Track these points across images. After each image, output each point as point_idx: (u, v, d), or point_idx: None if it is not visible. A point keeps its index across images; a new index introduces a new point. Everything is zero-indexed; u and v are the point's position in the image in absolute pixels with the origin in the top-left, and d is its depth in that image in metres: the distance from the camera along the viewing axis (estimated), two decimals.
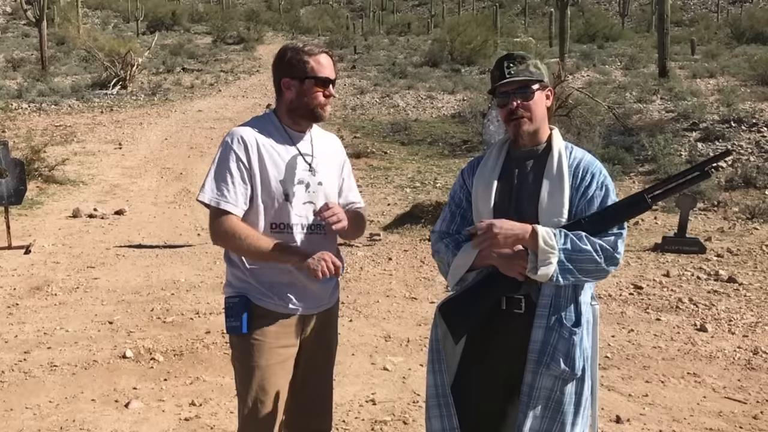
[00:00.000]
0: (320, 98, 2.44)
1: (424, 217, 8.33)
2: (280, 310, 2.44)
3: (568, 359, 2.22)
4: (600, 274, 2.23)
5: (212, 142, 13.99)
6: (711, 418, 3.86)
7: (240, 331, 2.41)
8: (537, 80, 2.30)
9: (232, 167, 2.39)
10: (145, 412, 3.87)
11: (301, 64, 2.42)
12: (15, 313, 5.45)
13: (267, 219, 2.42)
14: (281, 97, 2.49)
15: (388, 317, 5.40)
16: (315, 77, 2.41)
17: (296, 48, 2.46)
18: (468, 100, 17.57)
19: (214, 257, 6.94)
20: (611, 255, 2.19)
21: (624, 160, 11.23)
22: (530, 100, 2.29)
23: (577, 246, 2.17)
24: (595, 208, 2.25)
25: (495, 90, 2.33)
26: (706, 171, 2.22)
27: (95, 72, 23.75)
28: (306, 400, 2.57)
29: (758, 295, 5.87)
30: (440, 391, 2.33)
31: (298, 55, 2.43)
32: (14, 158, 7.75)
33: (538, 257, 2.16)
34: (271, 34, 42.22)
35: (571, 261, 2.16)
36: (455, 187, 2.47)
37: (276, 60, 2.49)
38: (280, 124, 2.48)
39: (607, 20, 38.58)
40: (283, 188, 2.41)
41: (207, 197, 2.39)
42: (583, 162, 2.31)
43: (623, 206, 2.25)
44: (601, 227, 2.21)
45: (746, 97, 14.30)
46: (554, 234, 2.17)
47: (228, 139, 2.43)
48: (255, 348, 2.43)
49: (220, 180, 2.40)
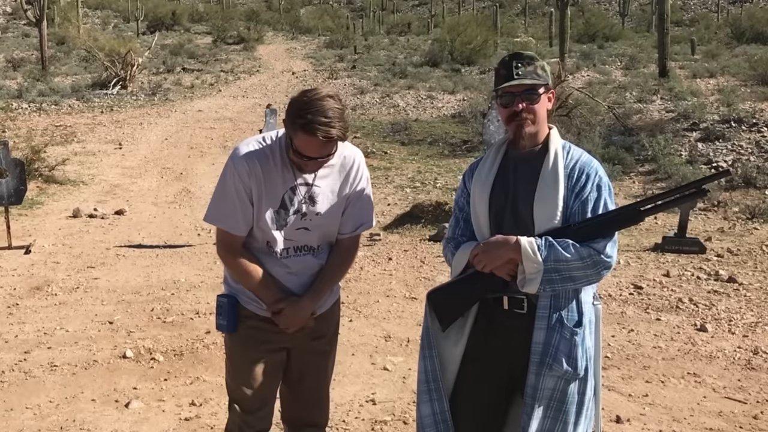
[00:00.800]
0: (300, 164, 2.35)
1: (424, 217, 8.33)
2: (266, 314, 2.49)
3: (571, 359, 2.22)
4: (591, 279, 2.23)
5: (212, 142, 13.99)
6: (711, 418, 3.86)
7: (227, 330, 2.51)
8: (543, 84, 2.30)
9: (234, 190, 2.38)
10: (145, 412, 3.87)
11: (293, 126, 2.25)
12: (15, 313, 5.45)
13: (263, 239, 2.45)
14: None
15: (388, 317, 5.40)
16: (294, 150, 2.29)
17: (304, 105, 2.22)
18: (468, 100, 17.56)
19: (214, 257, 6.93)
20: (600, 260, 2.19)
21: (624, 160, 11.22)
22: (536, 103, 2.29)
23: (562, 256, 2.16)
24: (588, 210, 2.25)
25: (499, 89, 2.32)
26: (703, 189, 2.22)
27: (95, 72, 23.73)
28: (303, 393, 2.65)
29: (758, 295, 5.87)
30: (430, 376, 2.35)
31: (297, 113, 2.23)
32: (14, 158, 7.74)
33: (525, 270, 2.18)
34: (271, 34, 42.23)
35: (558, 271, 2.17)
36: (458, 192, 2.49)
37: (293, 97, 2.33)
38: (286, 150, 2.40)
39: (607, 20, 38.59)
40: (277, 218, 2.41)
41: (213, 220, 2.44)
42: (579, 163, 2.30)
43: (615, 217, 2.24)
44: (590, 236, 2.20)
45: (746, 97, 14.29)
46: (537, 247, 2.18)
47: (233, 161, 2.40)
48: (241, 347, 2.52)
49: (223, 202, 2.42)
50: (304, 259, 2.48)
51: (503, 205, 2.32)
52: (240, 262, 2.42)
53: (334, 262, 2.54)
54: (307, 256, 2.48)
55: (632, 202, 2.31)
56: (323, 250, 2.52)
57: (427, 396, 2.35)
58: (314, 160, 2.30)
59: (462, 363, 2.37)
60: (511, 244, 2.20)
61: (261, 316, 2.48)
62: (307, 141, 2.23)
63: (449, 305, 2.36)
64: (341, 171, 2.47)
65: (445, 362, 2.37)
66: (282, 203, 2.40)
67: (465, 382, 2.36)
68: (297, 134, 2.24)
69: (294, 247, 2.46)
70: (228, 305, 2.49)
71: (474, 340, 2.35)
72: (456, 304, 2.35)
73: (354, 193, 2.51)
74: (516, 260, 2.21)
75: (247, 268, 2.42)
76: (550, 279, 2.17)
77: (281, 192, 2.40)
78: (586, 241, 2.19)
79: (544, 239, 2.20)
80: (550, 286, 2.19)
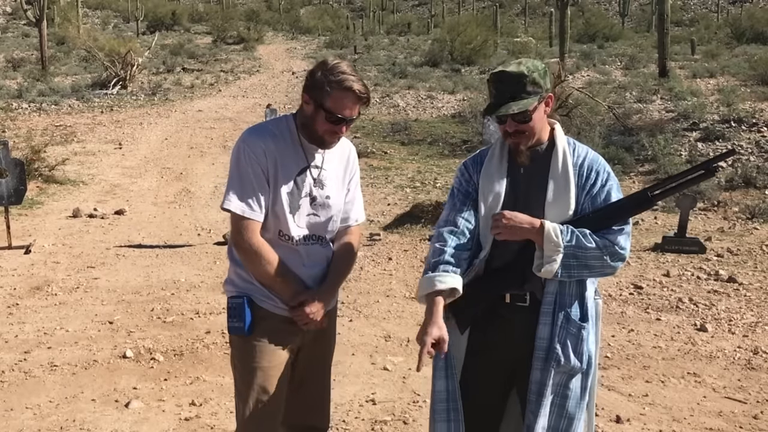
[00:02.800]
0: (328, 132, 2.36)
1: (424, 217, 8.33)
2: (282, 313, 2.44)
3: (578, 354, 2.24)
4: (606, 270, 2.23)
5: (212, 142, 13.99)
6: (711, 418, 3.86)
7: (243, 332, 2.41)
8: (534, 101, 2.19)
9: (251, 173, 2.35)
10: (145, 412, 3.87)
11: (322, 93, 2.30)
12: (15, 313, 5.45)
13: (275, 227, 2.41)
14: (301, 107, 2.44)
15: (388, 317, 5.40)
16: (329, 112, 2.31)
17: (330, 69, 2.30)
18: (468, 100, 17.55)
19: (214, 257, 6.94)
20: (616, 251, 2.20)
21: (624, 160, 11.23)
22: (528, 122, 2.22)
23: (582, 243, 2.17)
24: (599, 205, 2.25)
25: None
26: (711, 169, 2.22)
27: (95, 72, 23.73)
28: (304, 396, 2.59)
29: (758, 295, 5.87)
30: (450, 396, 2.30)
31: (326, 78, 2.29)
32: (14, 158, 7.74)
33: (544, 253, 2.17)
34: (271, 34, 42.24)
35: (576, 258, 2.18)
36: (460, 182, 2.39)
37: (310, 70, 2.38)
38: (297, 133, 2.43)
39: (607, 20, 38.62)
40: (290, 201, 2.39)
41: (233, 206, 2.36)
42: (587, 160, 2.29)
43: (627, 204, 2.26)
44: (604, 224, 2.22)
45: (746, 97, 14.29)
46: (560, 231, 2.18)
47: (245, 145, 2.38)
48: (257, 349, 2.42)
49: (242, 187, 2.36)
50: (315, 249, 2.46)
51: (513, 203, 2.28)
52: (260, 251, 2.35)
53: (340, 254, 2.53)
54: (316, 246, 2.47)
55: (642, 188, 2.31)
56: (329, 242, 2.52)
57: (445, 416, 2.29)
58: (345, 125, 2.33)
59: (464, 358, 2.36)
60: (536, 227, 2.19)
61: (278, 315, 2.43)
62: (341, 99, 2.27)
63: (465, 307, 2.34)
64: (341, 157, 2.54)
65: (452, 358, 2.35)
66: (295, 184, 2.40)
67: (464, 375, 2.35)
68: (331, 94, 2.27)
69: (304, 236, 2.44)
70: (243, 306, 2.39)
71: (475, 333, 2.35)
72: (471, 306, 2.33)
73: (353, 180, 2.58)
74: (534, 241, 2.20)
75: (268, 256, 2.35)
76: (567, 264, 2.17)
77: (294, 172, 2.40)
78: (600, 231, 2.20)
79: (566, 226, 2.20)
80: (566, 271, 2.18)
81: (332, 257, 2.52)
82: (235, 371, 2.53)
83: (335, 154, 2.50)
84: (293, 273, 2.43)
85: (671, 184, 2.28)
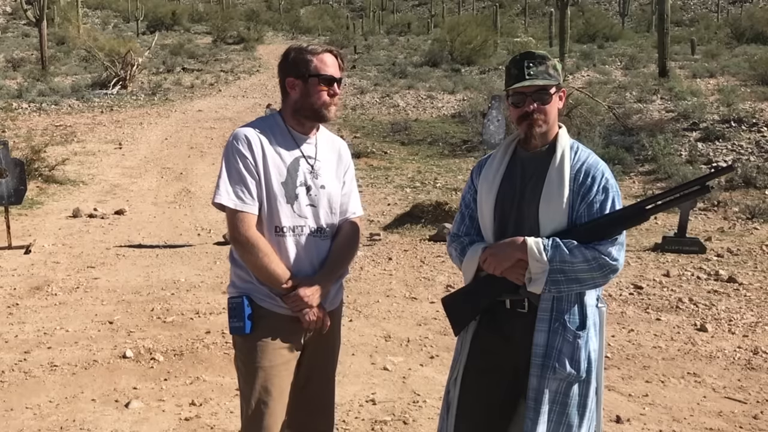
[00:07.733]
0: (324, 97, 2.41)
1: (424, 217, 8.33)
2: (284, 312, 2.43)
3: (574, 362, 2.21)
4: (598, 282, 2.21)
5: (212, 142, 13.99)
6: (711, 418, 3.86)
7: (243, 332, 2.40)
8: (555, 83, 2.27)
9: (242, 166, 2.37)
10: (145, 412, 3.87)
11: (304, 63, 2.41)
12: (15, 313, 5.45)
13: (270, 221, 2.41)
14: (286, 98, 2.48)
15: (388, 317, 5.40)
16: (318, 75, 2.40)
17: (300, 48, 2.45)
18: (468, 100, 17.56)
19: (214, 257, 6.94)
20: (607, 263, 2.17)
21: (624, 160, 11.23)
22: (548, 103, 2.26)
23: (568, 258, 2.15)
24: (595, 213, 2.22)
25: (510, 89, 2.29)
26: (706, 186, 2.22)
27: (95, 72, 23.76)
28: (308, 399, 2.56)
29: (758, 295, 5.87)
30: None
31: (301, 54, 2.42)
32: (14, 158, 7.75)
33: (531, 270, 2.17)
34: (271, 34, 42.26)
35: (564, 272, 2.16)
36: (465, 188, 2.48)
37: (281, 60, 2.48)
38: (285, 126, 2.47)
39: (607, 20, 38.63)
40: (285, 191, 2.40)
41: (224, 199, 2.37)
42: (585, 165, 2.27)
43: (621, 217, 2.23)
44: (597, 236, 2.19)
45: (746, 97, 14.29)
46: (543, 246, 2.17)
47: (233, 140, 2.42)
48: (259, 349, 2.41)
49: (233, 181, 2.38)
50: (313, 240, 2.46)
51: (509, 204, 2.30)
52: (257, 243, 2.36)
53: (340, 243, 2.54)
54: (315, 238, 2.47)
55: (637, 201, 2.30)
56: (328, 235, 2.51)
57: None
58: (337, 85, 2.44)
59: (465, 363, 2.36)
60: (518, 243, 2.20)
61: (279, 314, 2.42)
62: (323, 60, 2.42)
63: (463, 310, 2.35)
64: (333, 150, 2.57)
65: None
66: (288, 174, 2.42)
67: (465, 381, 2.35)
68: (313, 61, 2.41)
69: (302, 227, 2.44)
70: (243, 305, 2.39)
71: (477, 338, 2.35)
72: (468, 309, 2.34)
73: (348, 174, 2.60)
74: (525, 262, 2.20)
75: (265, 249, 2.36)
76: (555, 280, 2.16)
77: (287, 161, 2.42)
78: (592, 242, 2.17)
79: (551, 240, 2.19)
80: (555, 287, 2.17)
81: (331, 248, 2.53)
82: (238, 372, 2.52)
83: (326, 147, 2.54)
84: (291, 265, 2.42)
85: (666, 199, 2.27)
